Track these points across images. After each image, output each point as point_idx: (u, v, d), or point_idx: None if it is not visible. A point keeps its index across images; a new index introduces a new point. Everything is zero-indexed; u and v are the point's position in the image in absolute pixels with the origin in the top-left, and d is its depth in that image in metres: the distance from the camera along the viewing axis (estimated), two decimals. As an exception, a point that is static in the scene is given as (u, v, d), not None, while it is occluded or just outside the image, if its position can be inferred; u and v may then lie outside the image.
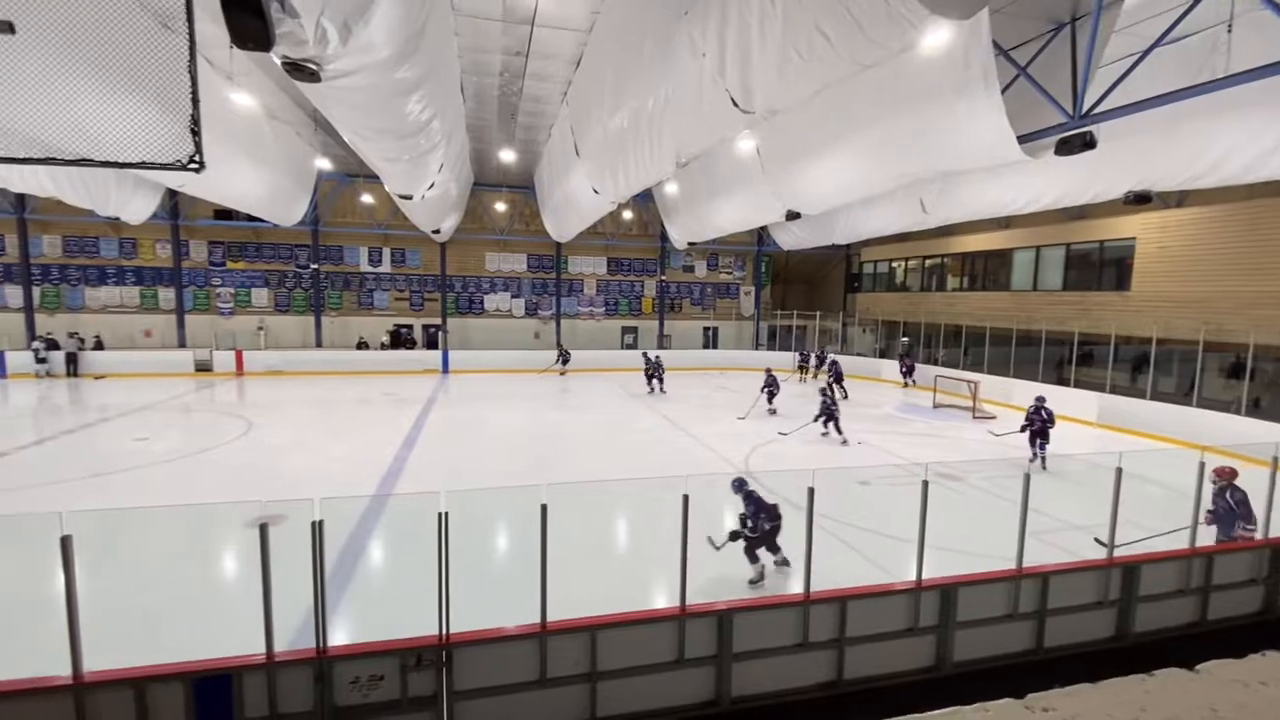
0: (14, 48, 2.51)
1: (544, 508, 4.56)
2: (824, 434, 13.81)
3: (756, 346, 29.39)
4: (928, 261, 25.16)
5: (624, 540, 8.66)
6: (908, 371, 22.30)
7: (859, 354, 26.42)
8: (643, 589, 6.74)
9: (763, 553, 6.73)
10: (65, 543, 3.85)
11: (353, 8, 5.16)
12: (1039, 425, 11.51)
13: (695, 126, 8.41)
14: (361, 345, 25.20)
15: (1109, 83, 7.65)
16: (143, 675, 4.12)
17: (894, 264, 27.19)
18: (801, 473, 5.31)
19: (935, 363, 22.24)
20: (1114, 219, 16.81)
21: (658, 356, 20.79)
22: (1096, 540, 6.60)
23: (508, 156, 20.77)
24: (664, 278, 28.76)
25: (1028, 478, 5.77)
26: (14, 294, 22.64)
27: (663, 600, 6.17)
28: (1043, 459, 11.41)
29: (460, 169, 17.66)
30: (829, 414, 13.68)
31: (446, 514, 4.38)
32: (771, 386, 16.62)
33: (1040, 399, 11.87)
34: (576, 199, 16.44)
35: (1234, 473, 6.62)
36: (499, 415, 16.36)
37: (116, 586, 6.06)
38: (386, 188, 14.66)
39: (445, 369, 24.50)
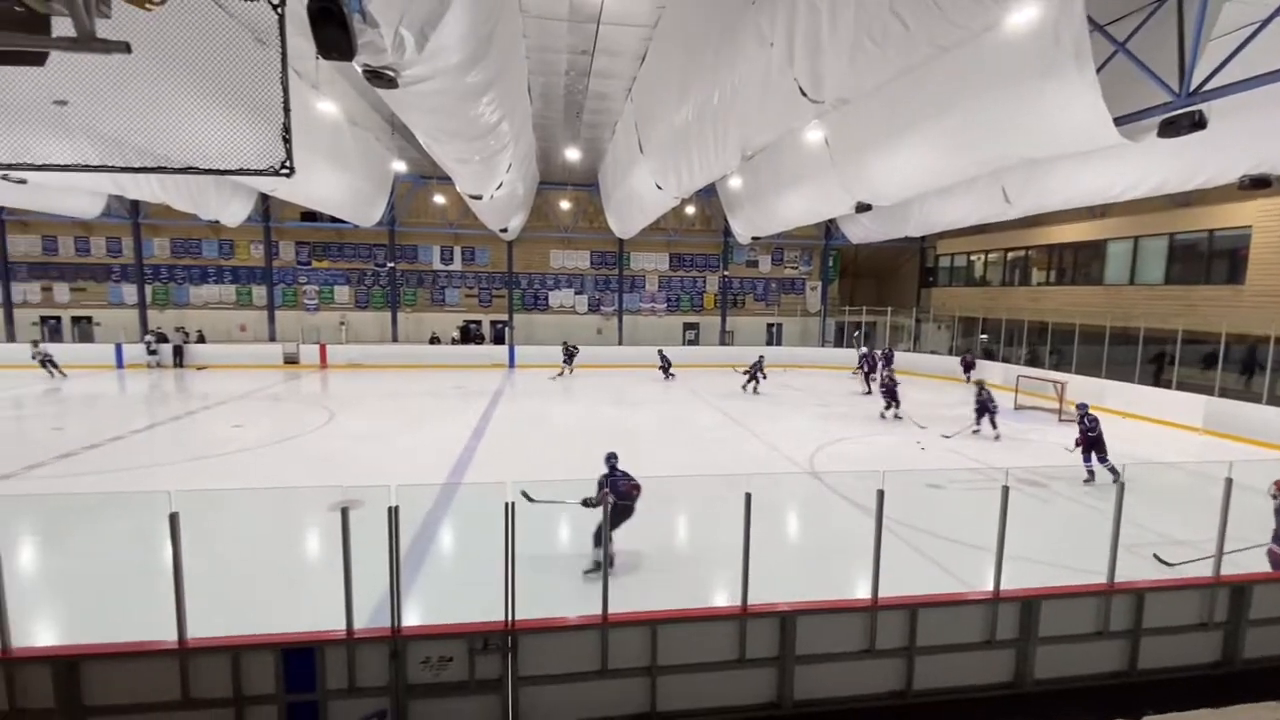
0: (130, 67, 2.72)
1: (607, 501, 4.61)
2: (976, 430, 13.47)
3: (823, 343, 28.63)
4: (1010, 254, 23.74)
5: (683, 536, 8.65)
6: (967, 368, 21.19)
7: (933, 351, 25.29)
8: (703, 586, 6.71)
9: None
10: (173, 519, 4.22)
11: (428, 15, 5.36)
12: (1082, 436, 10.19)
13: (762, 118, 8.26)
14: (434, 340, 26.27)
15: (1221, 57, 6.95)
16: (238, 644, 4.46)
17: (972, 257, 25.82)
18: (870, 474, 5.13)
19: (1017, 362, 21.00)
20: (1226, 205, 15.30)
21: (761, 357, 20.45)
22: (1156, 558, 6.09)
23: (573, 155, 21.07)
24: (727, 273, 28.44)
25: (1121, 486, 5.35)
26: (130, 292, 24.97)
27: (723, 599, 6.12)
28: (1112, 470, 9.68)
29: (527, 168, 18.07)
30: (986, 409, 13.25)
31: (514, 504, 4.51)
32: (890, 386, 15.56)
33: (1082, 406, 10.49)
34: (640, 195, 16.50)
35: None
36: (562, 409, 16.68)
37: (215, 561, 6.58)
38: (458, 188, 15.19)
39: (511, 363, 25.19)
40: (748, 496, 4.82)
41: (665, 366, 22.34)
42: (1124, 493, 5.31)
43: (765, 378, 19.81)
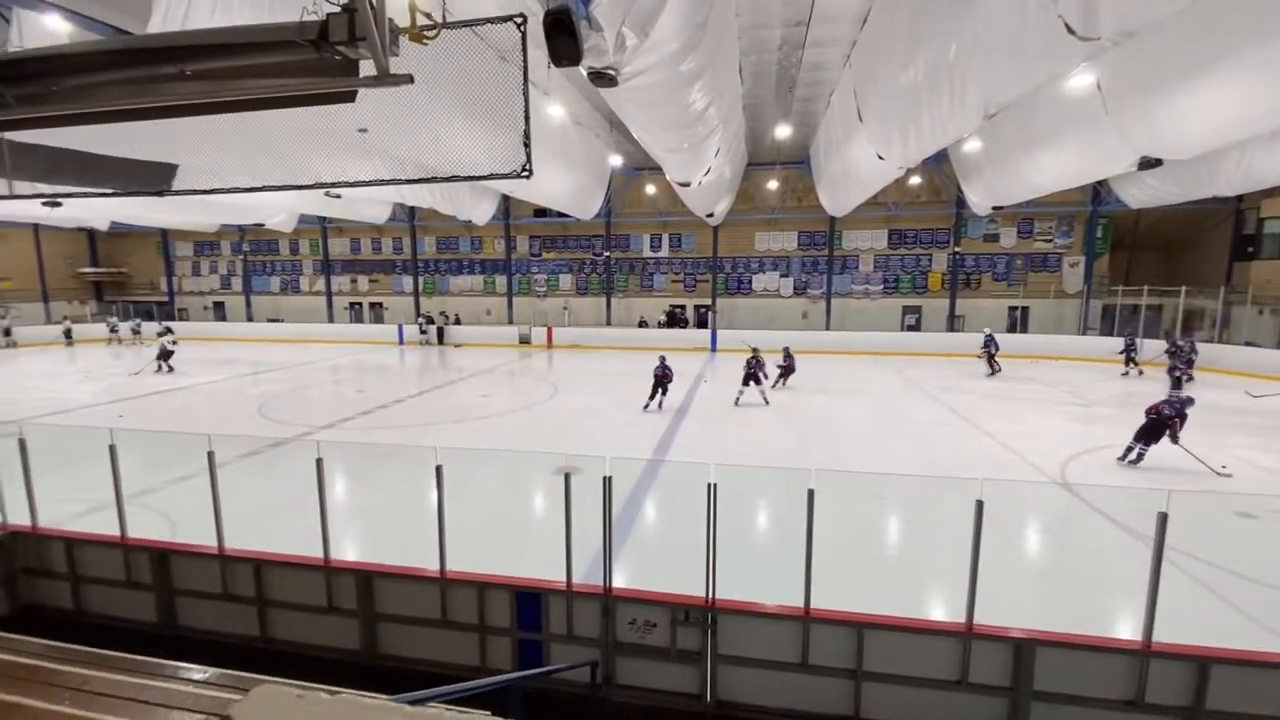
0: (408, 94, 3.22)
1: (811, 493, 4.45)
2: None
3: (1083, 330, 24.01)
4: (1388, 212, 17.40)
5: (896, 539, 8.00)
6: (1176, 356, 16.60)
7: (1248, 343, 19.74)
8: (916, 595, 6.15)
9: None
10: (439, 471, 5.08)
11: (649, 11, 5.57)
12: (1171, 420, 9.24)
13: (1012, 68, 7.09)
14: (641, 324, 27.81)
15: None
16: (483, 580, 5.24)
17: (1320, 218, 19.45)
18: (1148, 492, 4.20)
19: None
20: None
21: (987, 333, 18.86)
22: None
23: (782, 132, 20.44)
24: (958, 250, 25.24)
25: None
26: (408, 282, 30.60)
27: (939, 612, 5.55)
28: (1137, 455, 9.54)
29: (735, 151, 17.99)
30: None
31: (715, 485, 4.58)
32: None
33: (1176, 392, 9.45)
34: (856, 168, 15.39)
35: None
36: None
37: (465, 507, 7.80)
38: (667, 177, 15.70)
39: (713, 347, 25.53)
40: (979, 504, 4.26)
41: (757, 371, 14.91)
42: None
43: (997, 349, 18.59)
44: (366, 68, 2.68)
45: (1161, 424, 9.42)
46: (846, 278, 26.47)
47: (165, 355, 19.71)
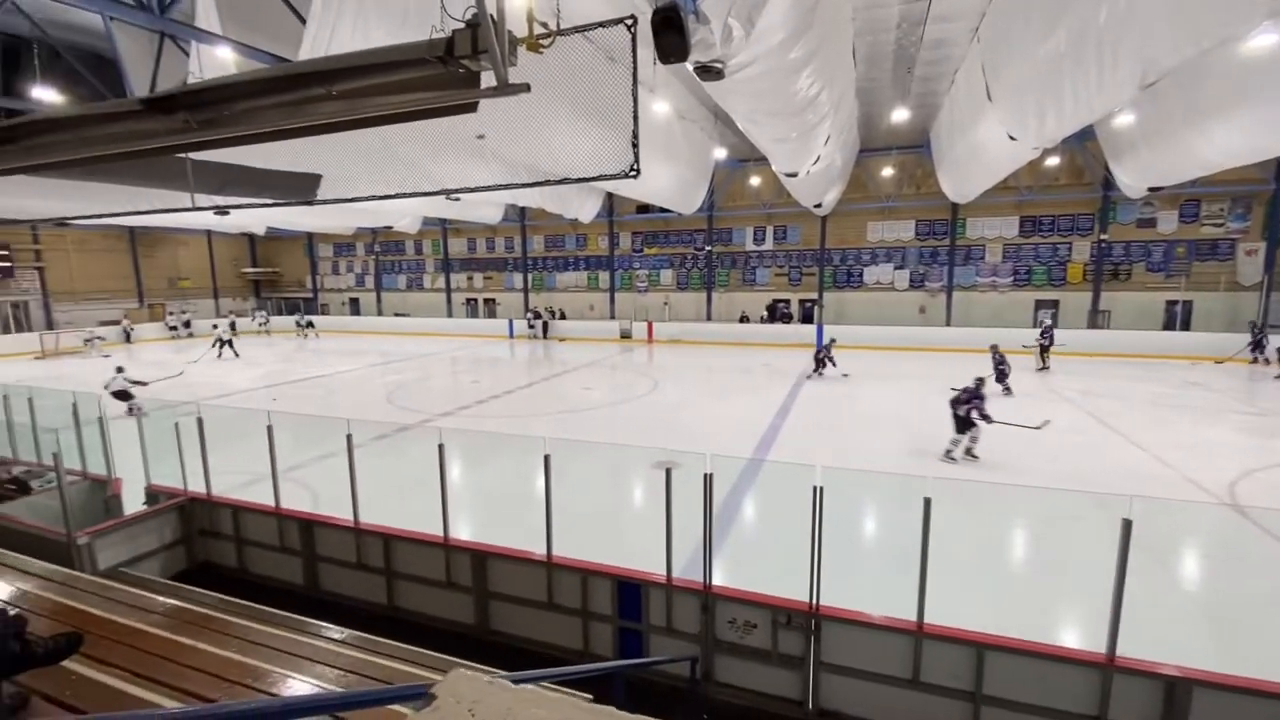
0: (524, 101, 3.37)
1: (927, 501, 4.19)
2: None
3: (1260, 329, 20.69)
4: None
5: (1020, 554, 7.34)
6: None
7: None
8: (1044, 618, 5.62)
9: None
10: (546, 460, 5.30)
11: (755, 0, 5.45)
12: None
13: (1177, 31, 6.22)
14: (743, 319, 27.35)
15: None
16: (586, 568, 5.41)
17: None
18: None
19: None
20: None
21: (1046, 324, 17.88)
22: None
23: (899, 116, 19.27)
24: (1104, 237, 22.57)
25: None
26: (518, 279, 32.09)
27: (1072, 639, 5.04)
28: None
29: (847, 137, 17.19)
30: None
31: (822, 488, 4.43)
32: None
33: None
34: (985, 150, 14.18)
35: None
36: (875, 394, 15.63)
37: (568, 495, 8.09)
38: (773, 168, 15.30)
39: (819, 343, 24.55)
40: (1126, 524, 3.81)
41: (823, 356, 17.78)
42: None
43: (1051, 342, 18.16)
44: (487, 79, 2.83)
45: None
46: (970, 269, 24.52)
47: (225, 343, 22.64)
